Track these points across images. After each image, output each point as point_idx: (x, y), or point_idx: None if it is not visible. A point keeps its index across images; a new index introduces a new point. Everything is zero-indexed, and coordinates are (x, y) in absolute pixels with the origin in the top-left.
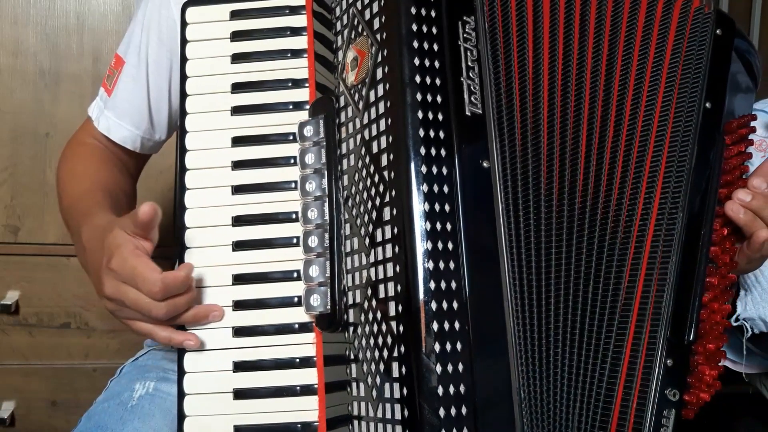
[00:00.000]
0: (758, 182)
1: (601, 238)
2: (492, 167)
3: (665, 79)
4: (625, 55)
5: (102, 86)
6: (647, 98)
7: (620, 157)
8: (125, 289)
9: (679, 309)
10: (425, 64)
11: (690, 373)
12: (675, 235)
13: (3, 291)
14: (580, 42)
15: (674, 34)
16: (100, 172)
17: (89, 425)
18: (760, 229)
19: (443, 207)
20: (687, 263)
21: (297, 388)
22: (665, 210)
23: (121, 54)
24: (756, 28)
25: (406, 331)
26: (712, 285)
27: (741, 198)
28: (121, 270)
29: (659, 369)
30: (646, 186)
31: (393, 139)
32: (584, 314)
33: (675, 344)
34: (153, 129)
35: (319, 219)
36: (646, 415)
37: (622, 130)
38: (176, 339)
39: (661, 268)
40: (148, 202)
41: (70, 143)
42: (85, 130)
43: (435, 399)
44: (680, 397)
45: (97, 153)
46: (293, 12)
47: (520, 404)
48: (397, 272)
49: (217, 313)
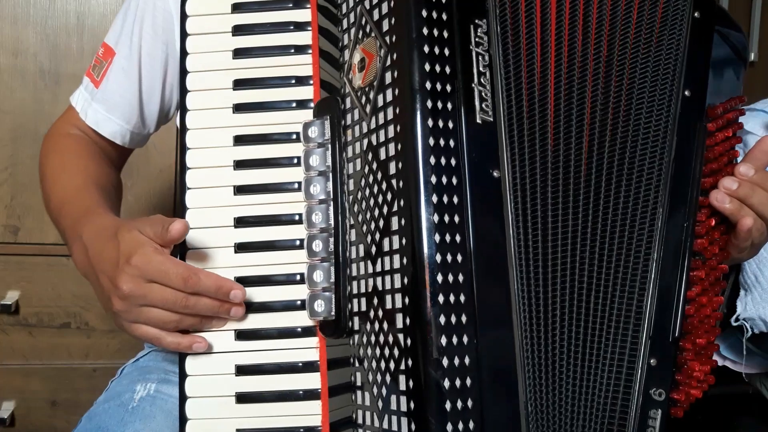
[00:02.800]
0: (745, 168)
1: (601, 245)
2: (502, 177)
3: (645, 69)
4: (621, 54)
5: (87, 75)
6: (638, 93)
7: (616, 160)
8: (149, 285)
9: (662, 306)
10: (436, 70)
11: (678, 371)
12: (655, 231)
13: (3, 291)
14: (583, 44)
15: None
16: (90, 167)
17: (90, 426)
18: (745, 216)
19: (452, 218)
20: (669, 259)
21: (300, 393)
22: (647, 206)
23: (111, 44)
24: (756, 28)
25: (414, 345)
26: (699, 278)
27: (726, 186)
28: (145, 266)
29: (642, 369)
30: (634, 186)
31: (402, 147)
32: (587, 324)
33: (658, 342)
34: (143, 124)
35: (324, 223)
36: (629, 417)
37: (618, 132)
38: (184, 342)
39: (642, 266)
40: (180, 220)
41: (52, 134)
42: (67, 120)
43: (443, 414)
44: (666, 396)
45: (84, 145)
46: (297, 6)
47: (527, 417)
48: (404, 284)
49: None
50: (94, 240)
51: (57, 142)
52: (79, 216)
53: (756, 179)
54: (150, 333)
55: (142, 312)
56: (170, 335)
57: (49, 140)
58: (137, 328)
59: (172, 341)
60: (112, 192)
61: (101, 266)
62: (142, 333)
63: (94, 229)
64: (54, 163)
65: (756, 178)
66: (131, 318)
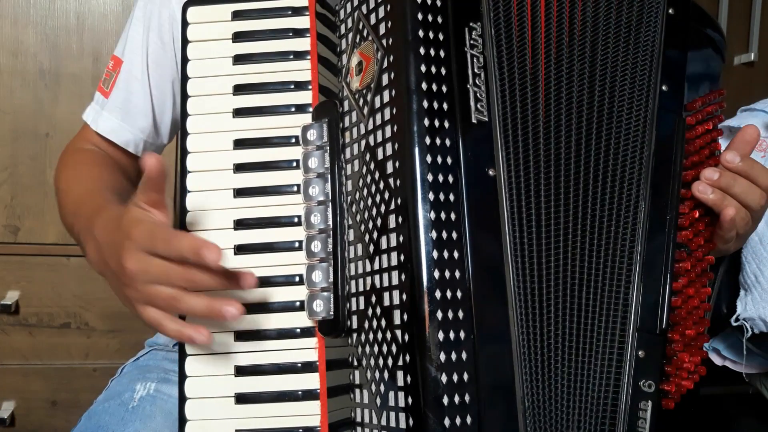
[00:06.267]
0: (731, 156)
1: (591, 240)
2: (498, 175)
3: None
4: (603, 53)
5: (98, 90)
6: (620, 90)
7: (601, 157)
8: (150, 258)
9: (648, 299)
10: (432, 71)
11: (668, 362)
12: (638, 224)
13: (3, 291)
14: (569, 45)
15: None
16: (103, 174)
17: (89, 425)
18: (728, 207)
19: (449, 216)
20: (653, 251)
21: (299, 393)
22: (630, 200)
23: (119, 54)
24: (756, 28)
25: (411, 341)
26: (685, 270)
27: (708, 177)
28: (145, 237)
29: (631, 361)
30: (618, 181)
31: (399, 147)
32: (579, 318)
33: (646, 335)
34: (157, 132)
35: (323, 224)
36: (619, 409)
37: (603, 129)
38: (186, 332)
39: (627, 260)
40: (149, 153)
41: (67, 151)
42: (82, 138)
43: (440, 408)
44: (656, 387)
45: (98, 158)
46: (296, 13)
47: (524, 413)
48: (402, 281)
49: (231, 310)
50: (104, 233)
51: (71, 157)
52: (92, 215)
53: (740, 167)
54: (154, 317)
55: (147, 289)
56: (173, 321)
57: (64, 157)
58: (144, 310)
59: (174, 328)
60: (126, 198)
61: (110, 254)
62: (148, 316)
63: (104, 223)
64: (68, 176)
65: (740, 166)
66: (141, 299)
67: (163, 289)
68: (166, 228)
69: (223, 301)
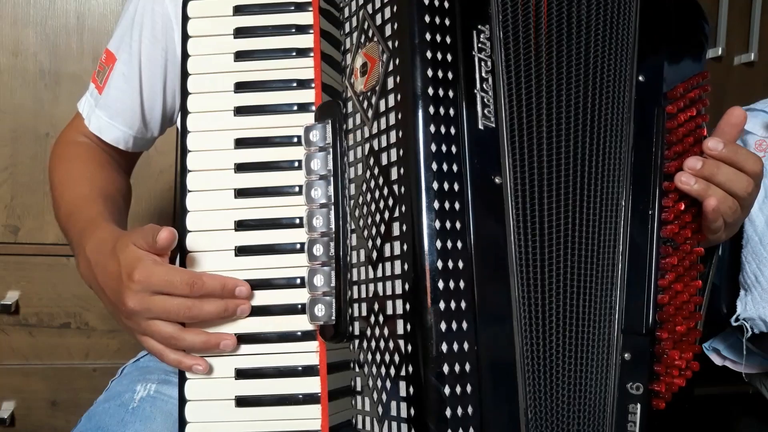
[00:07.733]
0: (714, 143)
1: (585, 245)
2: (504, 183)
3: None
4: (594, 53)
5: (92, 81)
6: (606, 89)
7: (594, 160)
8: (151, 298)
9: (631, 299)
10: (438, 76)
11: (658, 361)
12: (619, 224)
13: (3, 291)
14: (568, 45)
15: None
16: (96, 174)
17: (89, 425)
18: (710, 197)
19: (454, 225)
20: (635, 251)
21: (300, 397)
22: (613, 200)
23: (113, 50)
24: (756, 28)
25: (414, 351)
26: (672, 265)
27: (691, 166)
28: (148, 279)
29: (616, 365)
30: (606, 182)
31: (404, 153)
32: (575, 325)
33: (631, 336)
34: (146, 128)
35: (325, 227)
36: (606, 413)
37: (594, 131)
38: (186, 363)
39: (612, 261)
40: (167, 228)
41: (60, 142)
42: (75, 127)
43: (443, 421)
44: (645, 389)
45: (91, 153)
46: (299, 9)
47: (527, 424)
48: (405, 290)
49: (228, 342)
50: (96, 254)
51: (65, 150)
52: (84, 228)
53: (723, 154)
54: (154, 347)
55: (148, 325)
56: (173, 352)
57: (57, 148)
58: (145, 341)
59: (174, 358)
60: (119, 199)
61: (105, 281)
62: (149, 346)
63: (95, 243)
64: (62, 172)
65: (723, 153)
66: (140, 331)
67: (164, 327)
68: (165, 267)
69: (219, 336)
